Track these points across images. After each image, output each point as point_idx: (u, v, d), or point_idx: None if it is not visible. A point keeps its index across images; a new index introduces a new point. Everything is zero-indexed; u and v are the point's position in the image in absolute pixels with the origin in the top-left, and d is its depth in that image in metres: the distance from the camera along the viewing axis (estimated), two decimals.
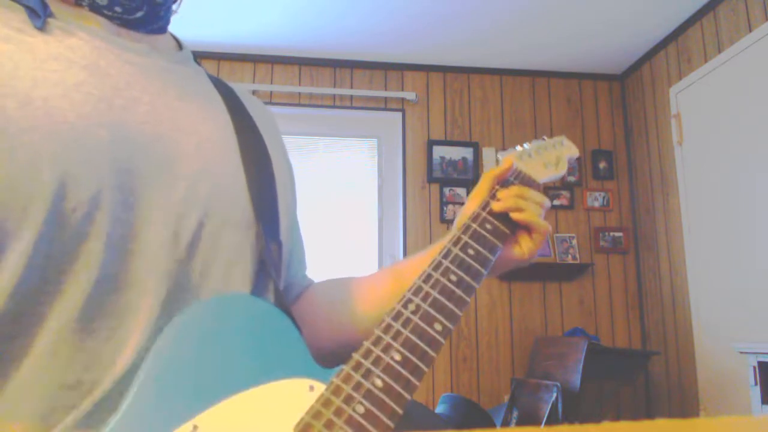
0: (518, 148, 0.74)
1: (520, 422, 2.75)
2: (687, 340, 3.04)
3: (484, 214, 0.63)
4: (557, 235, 3.46)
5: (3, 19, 0.50)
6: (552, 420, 2.55)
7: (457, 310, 0.51)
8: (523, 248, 0.67)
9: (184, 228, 0.53)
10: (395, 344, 0.47)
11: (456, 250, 0.57)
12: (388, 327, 0.48)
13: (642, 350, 3.30)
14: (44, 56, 0.50)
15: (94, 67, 0.52)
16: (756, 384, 2.11)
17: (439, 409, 2.79)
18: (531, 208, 0.65)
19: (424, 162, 3.46)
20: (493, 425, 2.72)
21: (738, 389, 2.58)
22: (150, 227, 0.51)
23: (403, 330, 0.48)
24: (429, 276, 0.53)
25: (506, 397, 3.04)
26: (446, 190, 3.42)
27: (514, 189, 0.67)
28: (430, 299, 0.51)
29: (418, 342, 0.48)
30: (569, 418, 2.55)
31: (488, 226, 0.61)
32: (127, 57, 0.56)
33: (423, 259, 0.66)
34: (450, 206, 3.40)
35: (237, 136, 0.61)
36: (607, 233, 3.50)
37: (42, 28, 0.51)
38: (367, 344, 0.47)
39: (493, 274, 0.66)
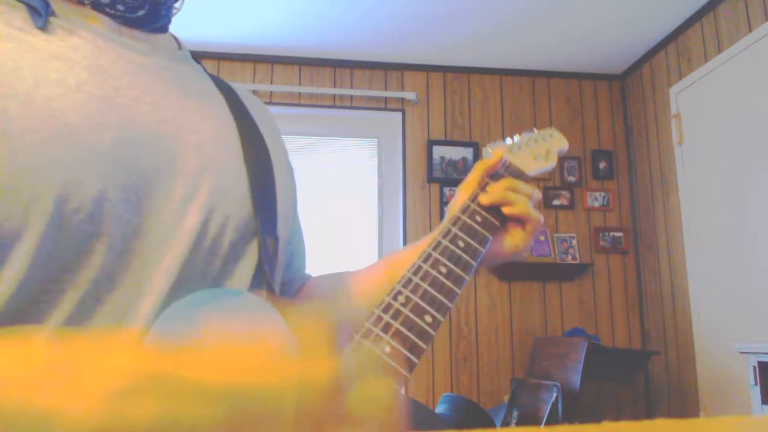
0: (508, 140, 0.74)
1: (520, 422, 2.74)
2: (687, 340, 3.03)
3: (473, 205, 0.63)
4: (557, 235, 3.46)
5: (4, 18, 0.50)
6: (552, 420, 2.55)
7: (447, 302, 0.51)
8: (517, 240, 0.67)
9: (186, 227, 0.53)
10: (385, 336, 0.47)
11: (446, 242, 0.57)
12: (379, 319, 0.48)
13: (642, 350, 3.30)
14: (46, 55, 0.50)
15: (95, 67, 0.52)
16: (756, 384, 2.11)
17: (439, 409, 2.79)
18: (520, 200, 0.65)
19: (424, 162, 3.46)
20: (493, 425, 2.72)
21: (738, 389, 2.58)
22: (153, 226, 0.51)
23: (393, 322, 0.48)
24: (419, 268, 0.53)
25: (506, 397, 3.04)
26: (446, 190, 3.43)
27: (504, 182, 0.67)
28: (420, 291, 0.51)
29: (409, 334, 0.48)
30: (569, 418, 2.55)
31: (478, 218, 0.61)
32: (128, 56, 0.56)
33: (416, 250, 0.67)
34: (448, 208, 3.40)
35: (238, 134, 0.61)
36: (607, 233, 3.50)
37: (44, 27, 0.51)
38: (357, 337, 0.48)
39: (486, 265, 0.66)
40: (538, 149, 0.74)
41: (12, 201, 0.44)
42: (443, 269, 0.54)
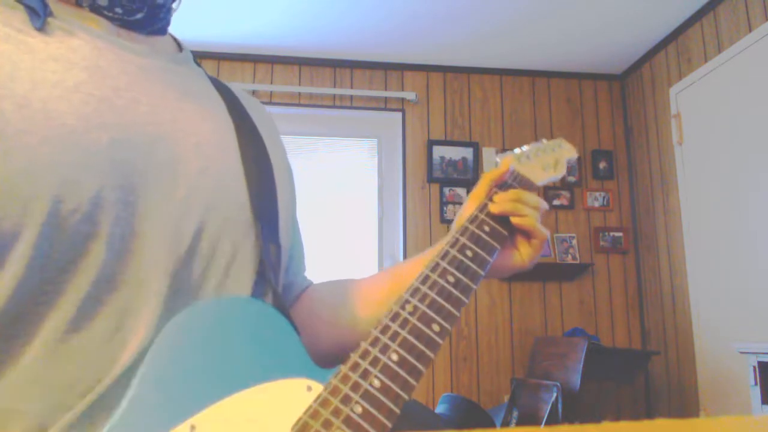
0: (517, 150, 0.74)
1: (520, 422, 2.74)
2: (687, 340, 3.04)
3: (481, 216, 0.63)
4: (557, 235, 3.46)
5: (3, 19, 0.50)
6: (552, 420, 2.55)
7: (454, 311, 0.51)
8: (523, 255, 0.67)
9: (185, 228, 0.53)
10: (393, 345, 0.47)
11: (453, 252, 0.57)
12: (386, 328, 0.48)
13: (642, 350, 3.31)
14: (44, 57, 0.50)
15: (94, 68, 0.52)
16: (756, 384, 2.11)
17: (439, 409, 2.79)
18: (529, 212, 0.65)
19: (424, 162, 3.46)
20: (493, 425, 2.72)
21: (738, 389, 2.58)
22: (151, 227, 0.51)
23: (400, 331, 0.48)
24: (426, 277, 0.53)
25: (506, 397, 3.04)
26: (446, 190, 3.42)
27: (512, 192, 0.66)
28: (427, 300, 0.51)
29: (416, 343, 0.48)
30: (569, 418, 2.55)
31: (486, 228, 0.61)
32: (127, 58, 0.56)
33: (422, 261, 0.66)
34: (450, 206, 3.40)
35: (237, 136, 0.61)
36: (607, 233, 3.50)
37: (42, 28, 0.51)
38: (364, 345, 0.47)
39: (491, 277, 0.66)
40: (547, 159, 0.74)
41: (9, 201, 0.44)
42: (451, 278, 0.54)
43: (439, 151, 3.47)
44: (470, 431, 0.39)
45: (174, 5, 0.64)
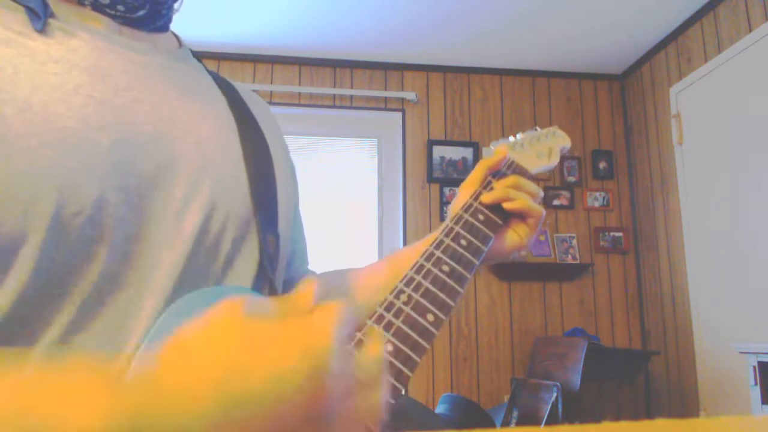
0: (511, 138, 0.74)
1: (520, 422, 2.74)
2: (687, 340, 3.03)
3: (476, 204, 0.63)
4: (557, 235, 3.46)
5: (3, 21, 0.50)
6: (552, 420, 2.55)
7: (449, 301, 0.51)
8: (521, 234, 0.67)
9: (187, 227, 0.53)
10: (387, 335, 0.47)
11: (448, 241, 0.57)
12: (380, 318, 0.48)
13: (642, 350, 3.30)
14: (44, 59, 0.50)
15: (94, 69, 0.52)
16: (756, 384, 2.10)
17: (439, 409, 2.79)
18: (522, 196, 0.65)
19: (424, 162, 3.46)
20: (493, 425, 2.72)
21: (738, 389, 2.58)
22: (153, 228, 0.51)
23: (394, 321, 0.48)
24: (421, 267, 0.53)
25: (506, 397, 3.03)
26: (446, 190, 3.43)
27: (507, 179, 0.66)
28: (421, 290, 0.51)
29: (410, 332, 0.48)
30: (569, 418, 2.54)
31: (480, 217, 0.61)
32: (128, 56, 0.56)
33: (419, 248, 0.67)
34: (450, 206, 3.40)
35: (238, 133, 0.61)
36: (607, 233, 3.50)
37: (42, 29, 0.51)
38: (358, 335, 0.47)
39: (488, 263, 0.66)
40: (541, 147, 0.74)
41: (10, 205, 0.44)
42: (446, 268, 0.54)
43: (439, 151, 3.47)
44: (470, 431, 0.39)
45: (176, 5, 0.64)
